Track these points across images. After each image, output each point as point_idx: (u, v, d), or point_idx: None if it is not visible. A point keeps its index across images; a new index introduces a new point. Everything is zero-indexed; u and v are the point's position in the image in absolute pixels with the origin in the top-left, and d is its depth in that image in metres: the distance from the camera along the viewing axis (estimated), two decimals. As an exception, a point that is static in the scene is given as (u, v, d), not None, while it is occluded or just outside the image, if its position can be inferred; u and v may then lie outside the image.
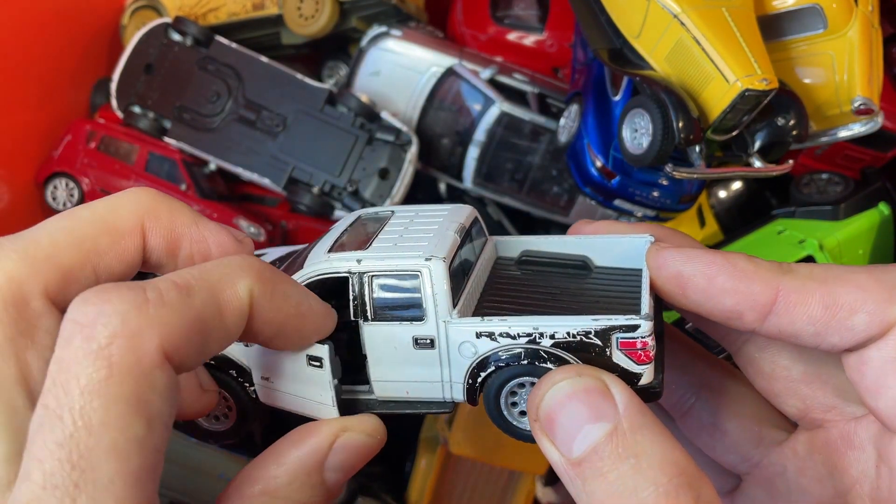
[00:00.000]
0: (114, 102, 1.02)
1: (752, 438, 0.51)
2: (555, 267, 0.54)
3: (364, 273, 0.46)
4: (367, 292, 0.47)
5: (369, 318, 0.47)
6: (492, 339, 0.45)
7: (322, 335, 0.46)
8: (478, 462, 0.98)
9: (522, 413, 0.47)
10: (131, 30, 1.09)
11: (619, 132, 0.77)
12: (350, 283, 0.47)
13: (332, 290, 0.48)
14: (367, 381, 0.49)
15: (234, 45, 1.02)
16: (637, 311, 0.45)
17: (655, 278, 0.46)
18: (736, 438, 0.51)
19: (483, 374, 0.46)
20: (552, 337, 0.44)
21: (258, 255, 0.56)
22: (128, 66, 1.02)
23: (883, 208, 0.91)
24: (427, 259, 0.46)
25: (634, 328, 0.44)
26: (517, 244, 0.56)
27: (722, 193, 1.05)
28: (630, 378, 0.44)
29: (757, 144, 0.74)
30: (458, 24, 1.14)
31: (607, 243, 0.54)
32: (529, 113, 0.99)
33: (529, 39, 1.12)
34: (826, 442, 0.47)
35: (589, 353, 0.44)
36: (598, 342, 0.44)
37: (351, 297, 0.47)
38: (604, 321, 0.44)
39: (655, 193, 0.86)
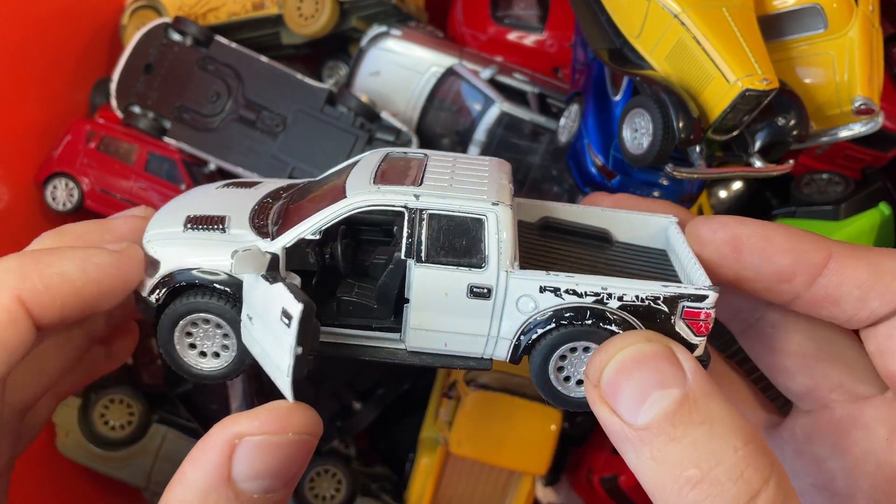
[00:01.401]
0: (113, 102, 1.02)
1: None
2: (577, 236, 0.53)
3: (423, 210, 0.44)
4: (423, 231, 0.44)
5: (423, 258, 0.44)
6: (556, 295, 0.43)
7: (132, 281, 0.45)
8: (478, 462, 0.98)
9: (567, 379, 0.46)
10: (131, 30, 1.09)
11: (619, 132, 0.77)
12: (405, 219, 0.44)
13: (347, 229, 0.46)
14: (394, 329, 0.46)
15: (234, 44, 1.02)
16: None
17: (707, 243, 0.46)
18: None
19: (540, 332, 0.44)
20: (620, 299, 0.43)
21: (251, 182, 0.55)
22: (127, 66, 1.02)
23: (883, 208, 0.91)
24: (494, 203, 0.44)
25: (702, 298, 0.43)
26: (535, 209, 0.54)
27: (722, 193, 1.05)
28: (687, 349, 0.43)
29: (757, 144, 0.74)
30: (458, 24, 1.14)
31: (629, 219, 0.53)
32: (529, 113, 0.99)
33: (529, 39, 1.12)
34: (831, 422, 0.48)
35: (654, 319, 0.43)
36: (665, 309, 0.43)
37: (405, 234, 0.44)
38: (674, 288, 0.43)
39: (656, 193, 0.86)
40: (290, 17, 1.04)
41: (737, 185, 1.05)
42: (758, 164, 0.74)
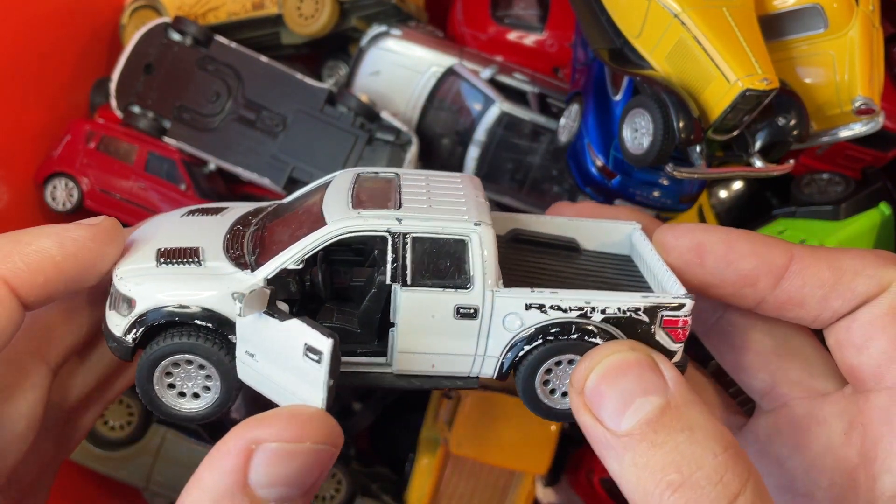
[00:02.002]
0: (113, 102, 1.02)
1: None
2: (546, 247, 0.53)
3: (406, 234, 0.44)
4: (407, 255, 0.44)
5: (408, 282, 0.44)
6: (542, 312, 0.44)
7: (111, 253, 0.45)
8: (478, 462, 0.98)
9: (553, 392, 0.46)
10: (131, 29, 1.09)
11: (619, 132, 0.77)
12: (389, 243, 0.44)
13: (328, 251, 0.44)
14: (379, 353, 0.45)
15: (233, 44, 1.02)
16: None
17: (671, 250, 0.48)
18: None
19: (527, 348, 0.44)
20: (603, 312, 0.44)
21: (216, 209, 0.54)
22: (127, 65, 1.02)
23: (884, 208, 0.91)
24: (477, 224, 0.44)
25: (680, 307, 0.44)
26: (503, 221, 0.54)
27: (723, 193, 1.05)
28: (666, 356, 0.44)
29: (758, 144, 0.74)
30: (458, 24, 1.14)
31: (594, 227, 0.54)
32: (530, 113, 0.99)
33: (529, 39, 1.12)
34: (790, 420, 0.49)
35: (635, 329, 0.44)
36: (646, 319, 0.44)
37: (389, 260, 0.44)
38: (653, 299, 0.44)
39: (656, 193, 0.86)
40: (290, 17, 1.04)
41: (737, 185, 1.05)
42: (758, 164, 0.74)
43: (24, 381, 0.47)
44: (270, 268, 0.45)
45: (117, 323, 0.46)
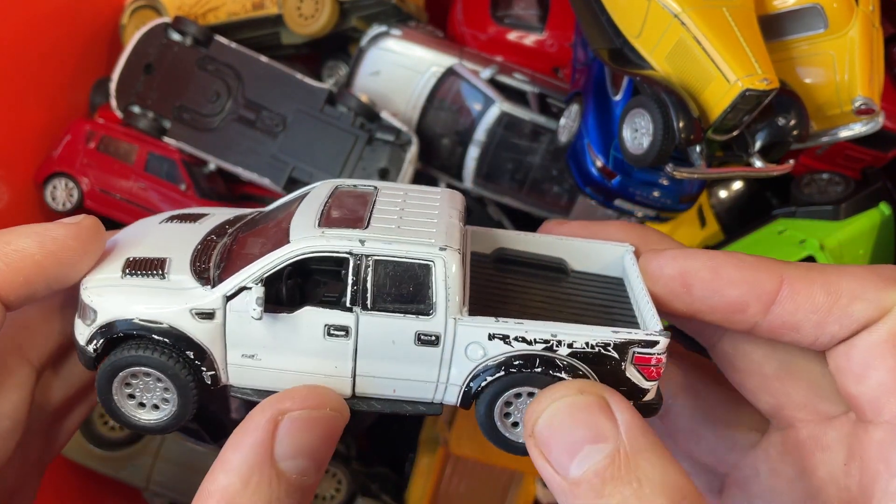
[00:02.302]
0: (113, 102, 1.02)
1: (727, 442, 0.51)
2: (532, 268, 0.52)
3: (369, 256, 0.43)
4: (368, 278, 0.43)
5: (368, 306, 0.43)
6: (505, 343, 0.43)
7: (92, 251, 0.45)
8: (478, 462, 0.98)
9: (515, 424, 0.46)
10: (131, 29, 1.09)
11: (619, 132, 0.77)
12: (350, 265, 0.43)
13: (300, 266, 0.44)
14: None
15: (233, 44, 1.02)
16: (636, 325, 0.44)
17: (657, 280, 0.46)
18: (711, 443, 0.51)
19: (489, 378, 0.43)
20: (570, 346, 0.42)
21: (196, 215, 0.54)
22: (127, 65, 1.02)
23: (884, 208, 0.91)
24: (442, 249, 0.43)
25: (653, 344, 0.43)
26: (490, 238, 0.53)
27: (723, 193, 1.05)
28: (637, 394, 0.43)
29: (758, 144, 0.74)
30: (458, 24, 1.14)
31: (584, 248, 0.52)
32: (529, 113, 0.99)
33: (529, 39, 1.11)
34: (796, 443, 0.47)
35: (604, 365, 0.43)
36: (616, 355, 0.43)
37: (350, 282, 0.43)
38: (624, 334, 0.43)
39: (656, 193, 0.86)
40: (290, 17, 1.04)
41: (737, 185, 1.05)
42: (758, 163, 0.74)
43: (8, 380, 0.47)
44: (230, 285, 0.44)
45: (81, 332, 0.46)
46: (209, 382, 0.46)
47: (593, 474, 0.37)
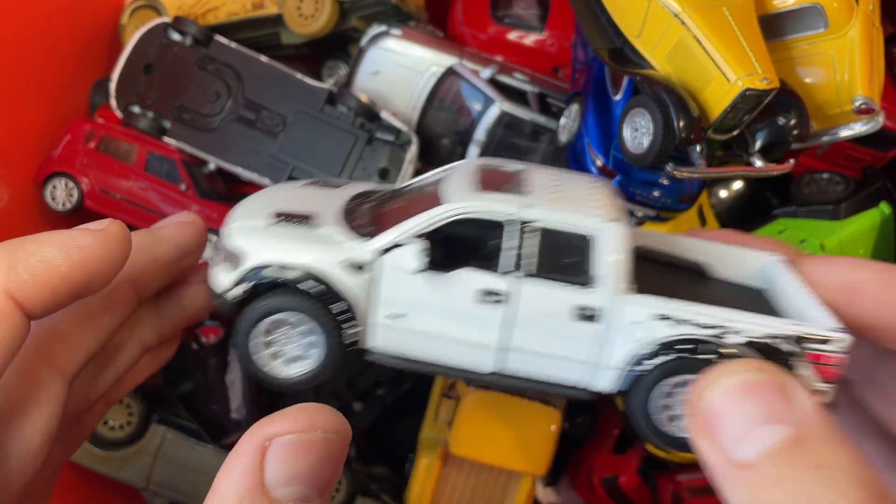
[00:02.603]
0: (113, 102, 1.02)
1: None
2: (668, 267, 0.49)
3: (533, 221, 0.41)
4: (531, 243, 0.41)
5: (529, 272, 0.41)
6: (676, 325, 0.40)
7: (119, 259, 0.43)
8: (478, 462, 0.97)
9: (671, 419, 0.42)
10: (131, 29, 1.09)
11: (619, 132, 0.77)
12: (510, 230, 0.41)
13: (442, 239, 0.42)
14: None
15: (233, 44, 1.02)
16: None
17: (821, 287, 0.43)
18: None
19: (655, 362, 0.41)
20: (743, 334, 0.40)
21: (337, 183, 0.53)
22: (127, 65, 1.02)
23: (884, 208, 0.91)
24: (611, 220, 0.41)
25: (833, 342, 0.40)
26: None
27: (723, 193, 1.05)
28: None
29: (758, 144, 0.74)
30: (458, 24, 1.14)
31: (726, 253, 0.49)
32: (530, 112, 0.99)
33: (530, 39, 1.11)
34: None
35: (775, 359, 0.40)
36: (789, 349, 0.40)
37: (512, 247, 0.41)
38: (804, 328, 0.40)
39: (656, 193, 0.86)
40: (290, 17, 1.04)
41: (737, 185, 1.05)
42: (758, 163, 0.74)
43: (40, 395, 0.45)
44: (386, 239, 0.43)
45: (222, 279, 0.45)
46: (349, 342, 0.44)
47: (768, 456, 0.33)
